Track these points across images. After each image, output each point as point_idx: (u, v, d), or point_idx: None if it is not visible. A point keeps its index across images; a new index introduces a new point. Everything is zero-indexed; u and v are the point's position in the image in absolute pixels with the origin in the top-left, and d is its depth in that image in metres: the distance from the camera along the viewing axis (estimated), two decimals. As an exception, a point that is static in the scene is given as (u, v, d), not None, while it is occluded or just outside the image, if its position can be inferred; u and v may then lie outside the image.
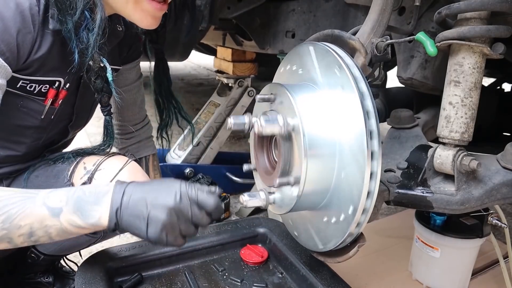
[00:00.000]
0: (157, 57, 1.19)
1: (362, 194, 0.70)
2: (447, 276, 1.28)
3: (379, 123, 0.73)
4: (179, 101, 1.27)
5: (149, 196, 0.74)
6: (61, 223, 0.73)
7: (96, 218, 0.73)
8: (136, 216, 0.73)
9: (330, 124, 0.75)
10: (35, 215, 0.72)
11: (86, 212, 0.73)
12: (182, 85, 5.37)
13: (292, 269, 1.03)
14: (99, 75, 0.92)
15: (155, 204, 0.73)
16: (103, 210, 0.74)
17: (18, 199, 0.72)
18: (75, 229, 0.74)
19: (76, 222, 0.73)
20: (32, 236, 0.72)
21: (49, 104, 0.93)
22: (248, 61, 2.35)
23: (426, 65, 1.03)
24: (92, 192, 0.76)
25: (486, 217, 1.18)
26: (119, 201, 0.74)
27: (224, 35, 2.18)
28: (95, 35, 0.84)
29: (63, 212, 0.73)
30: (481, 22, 0.77)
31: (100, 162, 1.02)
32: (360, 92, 0.71)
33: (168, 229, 0.73)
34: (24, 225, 0.71)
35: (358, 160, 0.70)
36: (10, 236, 0.71)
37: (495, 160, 0.88)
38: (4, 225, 0.70)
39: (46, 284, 1.29)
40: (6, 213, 0.70)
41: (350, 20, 1.37)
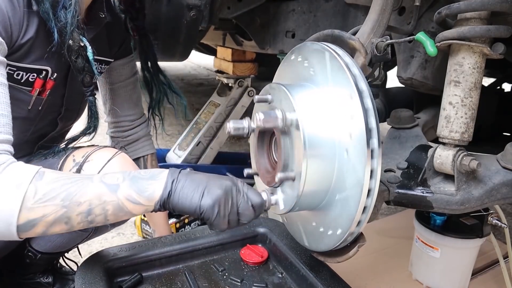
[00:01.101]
0: (139, 33, 1.19)
1: (362, 193, 0.70)
2: (447, 276, 1.28)
3: (379, 123, 0.73)
4: (167, 76, 1.26)
5: (208, 177, 0.78)
6: (118, 198, 0.73)
7: (150, 191, 0.74)
8: (193, 187, 0.74)
9: (329, 123, 0.75)
10: (94, 191, 0.72)
11: (142, 186, 0.74)
12: (182, 85, 5.37)
13: (292, 269, 1.03)
14: (80, 54, 0.92)
15: (214, 182, 0.76)
16: (158, 184, 0.75)
17: (76, 178, 0.72)
18: (131, 205, 0.74)
19: (132, 197, 0.73)
20: (89, 215, 0.72)
21: (36, 94, 0.93)
22: (248, 61, 2.35)
23: (426, 65, 1.03)
24: (147, 172, 0.77)
25: (486, 217, 1.18)
26: (175, 176, 0.76)
27: (224, 35, 2.18)
28: (71, 12, 0.85)
29: (120, 188, 0.73)
30: (481, 22, 0.77)
31: (89, 154, 1.02)
32: (360, 91, 0.71)
33: (220, 205, 0.73)
34: (84, 202, 0.70)
35: (357, 159, 0.70)
36: (69, 215, 0.70)
37: (495, 160, 0.88)
38: (64, 203, 0.69)
39: (46, 284, 1.29)
40: (66, 191, 0.70)
41: (350, 20, 1.37)
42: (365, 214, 0.73)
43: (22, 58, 0.86)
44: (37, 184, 0.68)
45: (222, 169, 2.14)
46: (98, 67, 1.11)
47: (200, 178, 0.77)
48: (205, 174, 0.79)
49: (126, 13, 1.15)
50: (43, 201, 0.68)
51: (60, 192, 0.69)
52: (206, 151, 2.24)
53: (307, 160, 0.73)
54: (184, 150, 2.24)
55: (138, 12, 1.16)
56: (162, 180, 0.75)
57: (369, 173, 0.69)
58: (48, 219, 0.69)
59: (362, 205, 0.71)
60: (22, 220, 0.67)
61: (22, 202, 0.66)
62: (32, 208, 0.67)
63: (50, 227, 0.70)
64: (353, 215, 0.72)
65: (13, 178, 0.68)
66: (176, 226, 1.72)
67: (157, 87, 1.25)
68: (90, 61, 0.93)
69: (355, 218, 0.72)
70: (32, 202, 0.67)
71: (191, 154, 2.21)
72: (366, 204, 0.71)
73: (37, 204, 0.67)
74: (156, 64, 1.24)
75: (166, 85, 1.26)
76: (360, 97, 0.70)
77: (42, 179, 0.69)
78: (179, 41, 1.62)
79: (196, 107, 3.71)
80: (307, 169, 0.73)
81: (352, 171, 0.72)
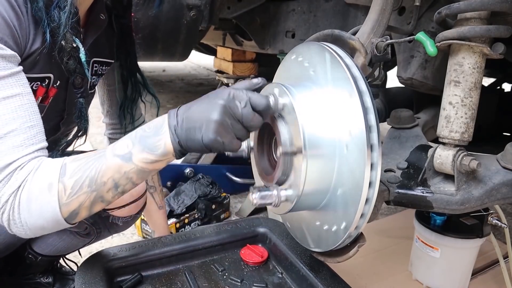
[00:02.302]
0: (123, 32, 1.17)
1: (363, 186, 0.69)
2: (447, 276, 1.28)
3: (379, 123, 0.73)
4: (144, 75, 1.25)
5: (202, 104, 0.75)
6: (136, 165, 0.75)
7: (162, 147, 0.74)
8: (192, 127, 0.73)
9: (329, 123, 0.75)
10: (112, 168, 0.74)
11: (152, 145, 0.75)
12: (182, 85, 5.38)
13: (292, 269, 1.03)
14: (72, 56, 0.91)
15: (207, 108, 0.73)
16: (166, 137, 0.74)
17: (91, 162, 0.75)
18: (151, 165, 0.76)
19: (148, 158, 0.75)
20: (118, 187, 0.76)
21: (38, 102, 0.92)
22: (248, 61, 2.35)
23: (426, 65, 1.03)
24: (151, 127, 0.77)
25: (486, 217, 1.18)
26: (175, 122, 0.75)
27: (224, 35, 2.18)
28: (66, 13, 0.83)
29: (133, 154, 0.75)
30: (481, 22, 0.77)
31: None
32: (360, 91, 0.71)
33: (221, 131, 0.71)
34: (107, 180, 0.75)
35: (358, 155, 0.70)
36: (101, 194, 0.76)
37: (495, 160, 0.88)
38: (92, 188, 0.74)
39: (46, 284, 1.29)
40: (87, 178, 0.74)
41: (350, 20, 1.37)
42: (368, 205, 0.72)
43: (28, 69, 0.85)
44: (63, 180, 0.74)
45: (222, 169, 2.14)
46: (99, 69, 1.10)
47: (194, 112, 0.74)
48: (198, 102, 0.75)
49: (113, 10, 1.12)
50: (74, 193, 0.74)
51: (84, 180, 0.74)
52: (206, 151, 2.24)
53: (307, 160, 0.73)
54: (184, 150, 2.24)
55: (125, 10, 1.14)
56: (166, 132, 0.75)
57: (369, 172, 0.69)
58: (85, 205, 0.76)
59: (365, 197, 0.71)
60: (65, 214, 0.75)
61: (58, 200, 0.73)
62: (68, 203, 0.74)
63: (91, 209, 0.77)
64: (356, 207, 0.72)
65: (44, 180, 0.73)
66: (176, 226, 1.72)
67: (133, 86, 1.23)
68: (82, 63, 0.92)
69: (358, 210, 0.72)
70: (66, 198, 0.74)
71: (191, 154, 2.21)
72: (368, 195, 0.71)
73: (70, 198, 0.74)
74: (135, 63, 1.23)
75: (142, 84, 1.24)
76: (360, 96, 0.70)
77: (65, 174, 0.74)
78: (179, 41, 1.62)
79: (196, 107, 3.70)
80: (307, 170, 0.73)
81: (352, 167, 0.72)
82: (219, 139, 0.71)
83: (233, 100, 0.72)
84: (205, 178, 1.98)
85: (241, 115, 0.72)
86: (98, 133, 3.18)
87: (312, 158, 0.73)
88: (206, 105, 0.74)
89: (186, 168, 2.06)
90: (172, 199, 1.82)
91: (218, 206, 1.90)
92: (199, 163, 2.20)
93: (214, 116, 0.71)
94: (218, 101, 0.72)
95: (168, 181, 2.01)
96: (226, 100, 0.72)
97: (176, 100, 4.33)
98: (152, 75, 5.77)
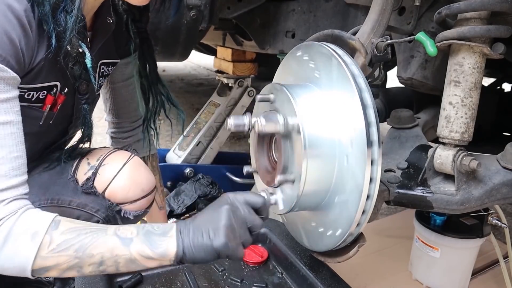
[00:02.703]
0: (140, 36, 1.14)
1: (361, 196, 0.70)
2: (447, 276, 1.28)
3: (379, 123, 0.73)
4: (166, 86, 1.20)
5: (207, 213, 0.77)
6: (130, 253, 0.74)
7: (164, 247, 0.74)
8: (200, 234, 0.74)
9: (329, 123, 0.75)
10: (107, 245, 0.73)
11: (154, 242, 0.75)
12: (182, 85, 5.37)
13: (292, 269, 1.03)
14: (77, 61, 0.89)
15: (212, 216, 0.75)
16: (171, 241, 0.75)
17: (91, 229, 0.74)
18: (143, 260, 0.75)
19: (145, 252, 0.74)
20: (101, 266, 0.73)
21: (47, 110, 0.92)
22: (248, 61, 2.35)
23: (426, 65, 1.03)
24: (160, 227, 0.77)
25: (486, 217, 1.18)
26: (183, 229, 0.76)
27: (224, 35, 2.18)
28: (73, 17, 0.81)
29: (133, 242, 0.74)
30: (481, 22, 0.77)
31: (103, 158, 1.03)
32: (360, 91, 0.71)
33: (230, 235, 0.73)
34: (96, 254, 0.72)
35: (357, 161, 0.70)
36: (81, 265, 0.72)
37: (495, 160, 0.88)
38: (78, 254, 0.71)
39: (46, 283, 1.29)
40: (80, 242, 0.72)
41: (350, 20, 1.37)
42: (364, 216, 0.73)
43: (32, 80, 0.85)
44: (52, 234, 0.71)
45: (222, 169, 2.14)
46: (106, 70, 1.09)
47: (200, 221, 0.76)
48: (202, 213, 0.78)
49: (129, 13, 1.10)
50: (57, 251, 0.71)
51: (74, 243, 0.72)
52: (206, 151, 2.24)
53: (307, 161, 0.73)
54: (184, 150, 2.23)
55: (142, 14, 1.12)
56: (173, 237, 0.75)
57: (369, 172, 0.69)
58: (61, 267, 0.72)
59: (362, 207, 0.71)
60: (37, 267, 0.71)
61: (38, 251, 0.70)
62: (46, 257, 0.71)
63: (63, 273, 0.73)
64: (352, 216, 0.72)
65: (29, 226, 0.71)
66: (176, 226, 1.72)
67: (154, 97, 1.19)
68: (88, 69, 0.91)
69: (354, 219, 0.72)
70: (47, 252, 0.70)
71: (191, 154, 2.21)
72: (369, 192, 0.72)
73: (51, 253, 0.71)
74: (155, 72, 1.19)
75: (164, 95, 1.20)
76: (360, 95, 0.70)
77: (57, 228, 0.72)
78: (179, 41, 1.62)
79: (196, 107, 3.71)
80: (307, 170, 0.73)
81: (351, 174, 0.72)
82: (229, 243, 0.73)
83: (235, 202, 0.76)
84: (205, 178, 1.98)
85: (244, 217, 0.75)
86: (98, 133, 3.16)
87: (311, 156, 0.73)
88: (212, 212, 0.76)
89: (186, 168, 2.06)
90: (172, 199, 1.82)
91: (218, 206, 1.90)
92: (199, 163, 2.20)
93: (222, 221, 0.74)
94: (223, 207, 0.75)
95: (168, 181, 2.01)
96: (230, 204, 0.76)
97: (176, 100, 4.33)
98: (152, 75, 5.76)
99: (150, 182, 1.08)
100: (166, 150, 2.37)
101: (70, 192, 1.00)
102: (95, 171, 1.01)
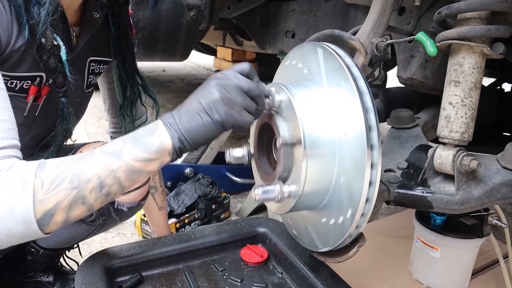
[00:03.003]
0: (120, 31, 1.14)
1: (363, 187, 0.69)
2: (447, 276, 1.28)
3: (379, 123, 0.73)
4: (143, 77, 1.22)
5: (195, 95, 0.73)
6: (126, 162, 0.69)
7: (158, 143, 0.70)
8: (194, 115, 0.70)
9: (329, 124, 0.75)
10: (99, 164, 0.69)
11: (145, 143, 0.70)
12: (182, 85, 5.37)
13: (292, 269, 1.03)
14: (52, 54, 0.88)
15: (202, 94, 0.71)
16: (162, 135, 0.70)
17: (78, 157, 0.70)
18: (142, 164, 0.70)
19: (140, 156, 0.70)
20: (103, 188, 0.69)
21: (31, 101, 0.90)
22: (248, 61, 2.35)
23: (426, 65, 1.03)
24: (144, 129, 0.73)
25: (486, 217, 1.18)
26: (171, 118, 0.71)
27: (224, 35, 2.18)
28: (46, 10, 0.80)
29: (124, 151, 0.70)
30: (481, 22, 0.78)
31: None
32: (360, 91, 0.71)
33: (227, 102, 0.69)
34: (92, 177, 0.68)
35: (358, 157, 0.70)
36: (82, 194, 0.68)
37: (495, 160, 0.88)
38: (73, 184, 0.67)
39: (46, 283, 1.29)
40: (70, 173, 0.67)
41: (350, 20, 1.37)
42: (368, 205, 0.72)
43: (14, 67, 0.84)
44: (41, 175, 0.67)
45: (222, 169, 2.14)
46: (96, 68, 1.09)
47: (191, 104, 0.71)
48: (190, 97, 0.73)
49: (109, 8, 1.09)
50: (52, 189, 0.66)
51: (66, 175, 0.67)
52: (206, 151, 2.24)
53: (307, 161, 0.73)
54: (184, 150, 2.24)
55: (121, 8, 1.11)
56: (163, 130, 0.71)
57: (369, 172, 0.69)
58: (63, 205, 0.67)
59: (363, 205, 0.71)
60: (39, 214, 0.66)
61: (33, 196, 0.65)
62: (43, 200, 0.66)
63: (69, 212, 0.69)
64: (353, 214, 0.72)
65: (17, 177, 0.67)
66: (176, 226, 1.72)
67: (131, 88, 1.20)
68: (63, 61, 0.90)
69: (354, 219, 0.72)
70: (42, 193, 0.66)
71: (191, 154, 2.21)
72: (369, 195, 0.71)
73: (47, 194, 0.66)
74: (133, 65, 1.19)
75: (141, 86, 1.21)
76: (360, 96, 0.70)
77: (44, 168, 0.68)
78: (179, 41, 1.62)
79: (196, 107, 3.70)
80: (307, 170, 0.73)
81: (352, 167, 0.72)
82: (230, 111, 0.68)
83: (224, 76, 0.71)
84: (205, 178, 1.98)
85: (237, 83, 0.70)
86: (98, 133, 3.18)
87: (312, 156, 0.73)
88: (200, 90, 0.72)
89: (186, 168, 2.06)
90: (172, 199, 1.82)
91: (218, 206, 1.90)
92: (199, 163, 2.20)
93: (215, 94, 0.69)
94: (210, 82, 0.71)
95: (168, 181, 2.01)
96: (218, 78, 0.71)
97: (176, 100, 4.33)
98: (152, 75, 5.76)
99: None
100: (166, 150, 2.37)
101: None
102: None
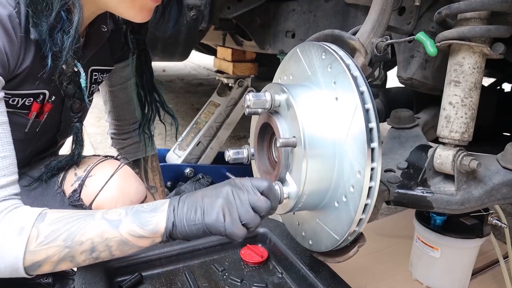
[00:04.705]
0: (139, 48, 1.15)
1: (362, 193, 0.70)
2: (447, 276, 1.28)
3: (379, 123, 0.73)
4: (161, 95, 1.23)
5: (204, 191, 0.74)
6: (121, 234, 0.71)
7: (154, 223, 0.72)
8: (193, 207, 0.72)
9: (329, 124, 0.75)
10: (96, 229, 0.71)
11: (144, 220, 0.72)
12: (182, 85, 5.37)
13: (292, 269, 1.03)
14: (72, 80, 0.89)
15: (210, 194, 0.73)
16: (161, 215, 0.72)
17: (78, 216, 0.72)
18: (135, 239, 0.73)
19: (135, 231, 0.72)
20: (93, 252, 0.71)
21: (33, 117, 0.90)
22: (248, 61, 2.35)
23: (426, 65, 1.03)
24: (150, 205, 0.75)
25: (486, 217, 1.18)
26: (175, 203, 0.73)
27: (224, 35, 2.18)
28: (71, 38, 0.80)
29: (122, 223, 0.72)
30: (481, 22, 0.77)
31: (91, 168, 1.00)
32: (360, 91, 0.71)
33: (225, 213, 0.70)
34: (86, 241, 0.70)
35: (357, 158, 0.70)
36: (72, 254, 0.71)
37: (495, 160, 0.88)
38: (67, 243, 0.70)
39: (46, 285, 1.29)
40: (67, 231, 0.70)
41: (350, 20, 1.37)
42: (365, 214, 0.73)
43: (17, 86, 0.83)
44: (39, 227, 0.69)
45: (222, 169, 2.14)
46: (99, 77, 1.09)
47: (197, 197, 0.73)
48: (202, 190, 0.75)
49: (128, 24, 1.10)
50: (45, 243, 0.69)
51: (62, 232, 0.70)
52: (206, 151, 2.24)
53: (307, 161, 0.73)
54: (184, 150, 2.23)
55: (141, 26, 1.11)
56: (164, 212, 0.73)
57: (369, 172, 0.69)
58: (52, 260, 0.70)
59: (363, 205, 0.71)
60: (28, 263, 0.69)
61: (26, 246, 0.68)
62: (35, 251, 0.69)
63: (57, 266, 0.72)
64: (352, 216, 0.72)
65: (15, 223, 0.69)
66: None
67: (149, 105, 1.21)
68: (82, 88, 0.91)
69: (354, 219, 0.72)
70: (35, 245, 0.69)
71: (191, 154, 2.21)
72: (369, 195, 0.71)
73: (39, 246, 0.69)
74: (151, 82, 1.20)
75: (159, 103, 1.22)
76: (360, 96, 0.70)
77: (44, 220, 0.70)
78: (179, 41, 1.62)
79: (196, 107, 3.71)
80: (307, 170, 0.73)
81: (352, 171, 0.72)
82: (221, 217, 0.70)
83: (240, 186, 0.73)
84: (205, 178, 1.98)
85: (246, 197, 0.71)
86: (98, 133, 3.18)
87: (312, 156, 0.73)
88: (212, 190, 0.74)
89: (186, 168, 2.06)
90: (172, 199, 1.82)
91: (218, 206, 1.90)
92: (199, 163, 2.20)
93: (219, 198, 0.71)
94: (224, 186, 0.73)
95: (168, 181, 2.01)
96: (233, 185, 0.73)
97: (176, 100, 4.33)
98: (152, 75, 5.76)
99: (139, 192, 1.06)
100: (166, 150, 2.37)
101: (57, 204, 0.98)
102: (82, 183, 0.98)
